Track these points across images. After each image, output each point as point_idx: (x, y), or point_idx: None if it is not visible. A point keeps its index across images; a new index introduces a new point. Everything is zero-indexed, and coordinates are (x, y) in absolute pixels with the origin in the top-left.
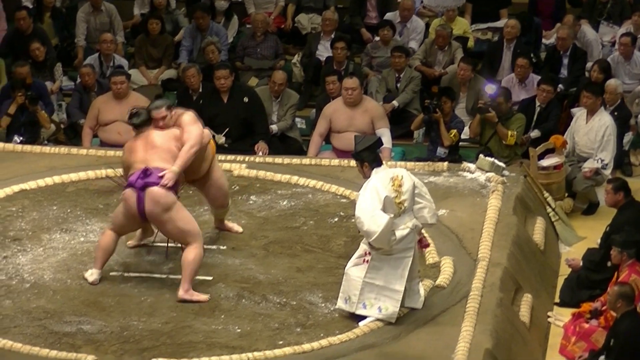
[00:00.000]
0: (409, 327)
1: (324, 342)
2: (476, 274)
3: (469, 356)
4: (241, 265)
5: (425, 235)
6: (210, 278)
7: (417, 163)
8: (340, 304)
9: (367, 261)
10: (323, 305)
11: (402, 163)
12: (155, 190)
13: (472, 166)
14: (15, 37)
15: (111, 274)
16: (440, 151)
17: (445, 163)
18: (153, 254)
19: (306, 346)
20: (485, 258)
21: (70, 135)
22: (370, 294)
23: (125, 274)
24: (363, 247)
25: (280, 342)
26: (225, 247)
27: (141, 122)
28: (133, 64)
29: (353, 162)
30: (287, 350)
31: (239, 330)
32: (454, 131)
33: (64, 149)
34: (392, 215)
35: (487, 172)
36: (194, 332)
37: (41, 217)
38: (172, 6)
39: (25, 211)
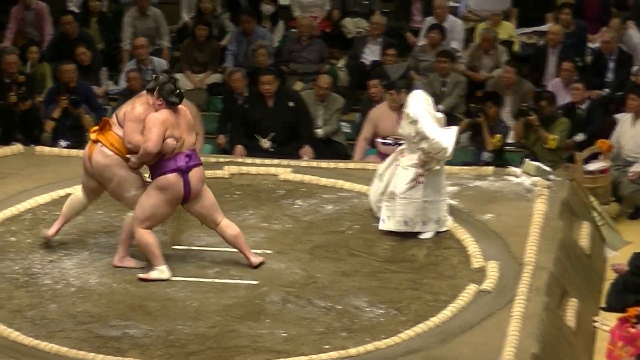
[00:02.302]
0: (455, 332)
1: (369, 346)
2: (522, 278)
3: None
4: (286, 270)
5: None
6: (256, 282)
7: (463, 167)
8: (399, 226)
9: (422, 182)
10: (368, 309)
11: (448, 167)
12: (201, 168)
13: (517, 170)
14: (61, 42)
15: None
16: (486, 155)
17: (491, 167)
18: (199, 258)
19: (352, 350)
20: (531, 262)
21: None
22: (428, 212)
23: (171, 278)
24: (410, 172)
25: (326, 347)
26: (270, 252)
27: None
28: (179, 68)
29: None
30: (333, 354)
31: (284, 335)
32: (498, 136)
33: None
34: None
35: (532, 176)
36: (239, 337)
37: (87, 221)
38: (218, 10)
39: None
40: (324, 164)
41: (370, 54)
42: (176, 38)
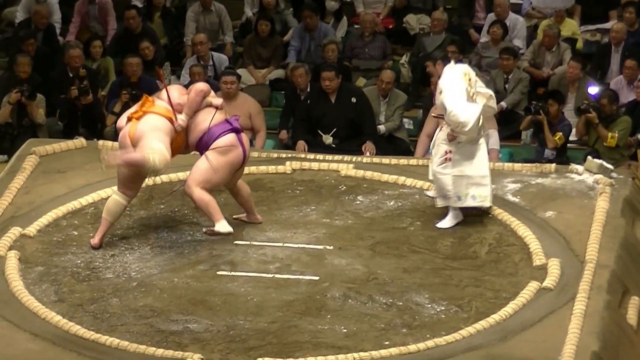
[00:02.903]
0: (516, 329)
1: (430, 343)
2: (583, 276)
3: (576, 358)
4: (348, 266)
5: None
6: (317, 278)
7: (525, 164)
8: (440, 202)
9: (450, 159)
10: (429, 306)
11: (510, 165)
12: (244, 133)
13: (579, 168)
14: (124, 36)
15: (218, 273)
16: (548, 153)
17: (553, 165)
18: (260, 253)
19: (412, 347)
20: (592, 260)
21: None
22: (460, 187)
23: (233, 273)
24: (442, 147)
25: (387, 343)
26: (332, 247)
27: None
28: (241, 63)
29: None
30: (393, 351)
31: (345, 331)
32: (559, 134)
33: None
34: None
35: (595, 174)
36: (300, 332)
37: (149, 215)
38: (280, 6)
39: (133, 210)
40: (385, 160)
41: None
42: (239, 33)
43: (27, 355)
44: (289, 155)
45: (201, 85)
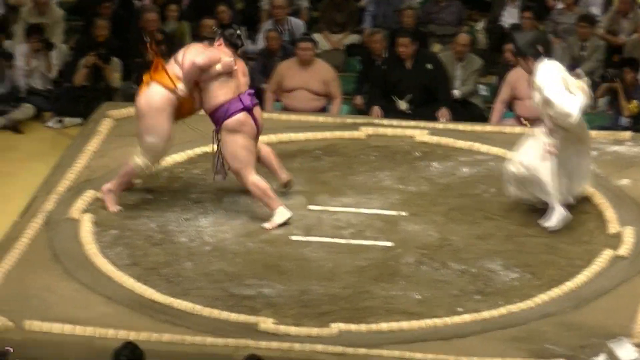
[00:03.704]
0: (589, 297)
1: (503, 310)
2: None
3: None
4: (421, 232)
5: None
6: (391, 244)
7: (600, 132)
8: (513, 192)
9: (552, 152)
10: (503, 273)
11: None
12: (258, 106)
13: None
14: (200, 0)
15: (291, 237)
16: (624, 120)
17: (629, 132)
18: (334, 219)
19: (485, 314)
20: None
21: None
22: (561, 185)
23: (306, 239)
24: (540, 140)
25: (459, 309)
26: (405, 213)
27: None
28: (316, 28)
29: (536, 130)
30: (466, 317)
31: (418, 297)
32: (635, 102)
33: None
34: None
35: None
36: (372, 298)
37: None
38: None
39: (208, 174)
40: (460, 126)
41: (509, 16)
42: None
43: (101, 319)
44: (364, 121)
45: (199, 60)
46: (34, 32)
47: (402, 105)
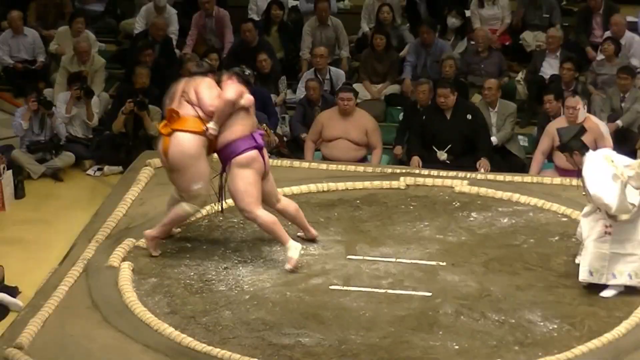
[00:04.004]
0: (629, 348)
1: None
2: None
3: None
4: (460, 282)
5: None
6: (430, 294)
7: None
8: (585, 276)
9: (610, 233)
10: (542, 323)
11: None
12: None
13: None
14: (240, 49)
15: (331, 287)
16: None
17: None
18: (373, 268)
19: None
20: None
21: (293, 148)
22: (617, 264)
23: (345, 288)
24: (601, 222)
25: None
26: (444, 264)
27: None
28: (357, 78)
29: (575, 181)
30: None
31: (456, 347)
32: None
33: (286, 162)
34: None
35: None
36: (411, 348)
37: (261, 229)
38: (397, 21)
39: (249, 223)
40: (500, 176)
41: (549, 67)
42: (355, 48)
43: None
44: (404, 171)
45: (230, 94)
46: (75, 80)
47: (442, 155)
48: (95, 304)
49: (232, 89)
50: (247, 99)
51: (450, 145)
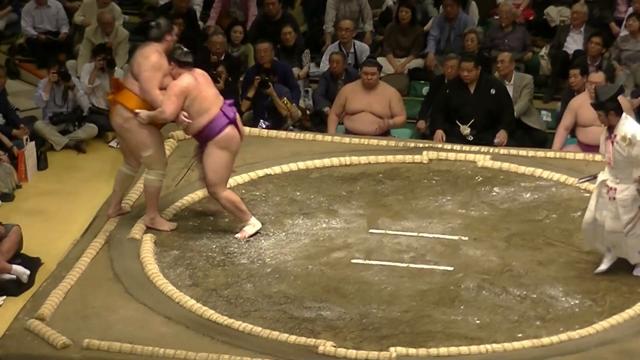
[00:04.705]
0: None
1: (563, 336)
2: None
3: None
4: (482, 257)
5: None
6: (452, 268)
7: None
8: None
9: None
10: (563, 299)
11: None
12: (238, 115)
13: None
14: (264, 22)
15: (352, 261)
16: None
17: None
18: (395, 242)
19: (545, 340)
20: None
21: (316, 121)
22: None
23: (367, 262)
24: (631, 204)
25: (519, 335)
26: (467, 238)
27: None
28: (381, 52)
29: (598, 157)
30: (526, 343)
31: (478, 322)
32: None
33: (309, 135)
34: None
35: None
36: (432, 322)
37: (284, 202)
38: None
39: (269, 196)
40: (522, 152)
41: (573, 42)
42: (378, 22)
43: (160, 339)
44: (426, 145)
45: (166, 112)
46: (100, 52)
47: (465, 130)
48: (117, 276)
49: (175, 102)
50: (182, 120)
51: (473, 120)
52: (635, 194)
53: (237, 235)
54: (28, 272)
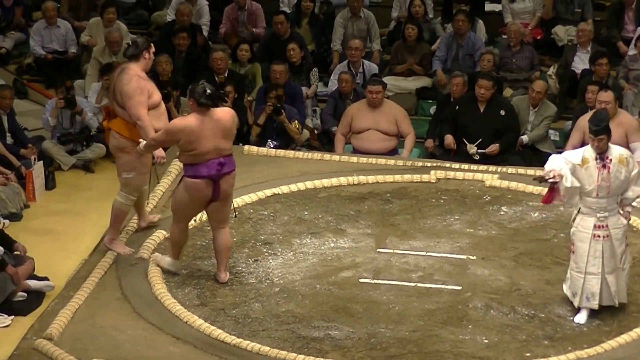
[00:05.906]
0: None
1: (571, 355)
2: None
3: None
4: (490, 276)
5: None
6: (460, 288)
7: None
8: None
9: None
10: (571, 318)
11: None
12: (233, 174)
13: None
14: (272, 41)
15: (360, 280)
16: None
17: None
18: (403, 262)
19: (553, 359)
20: None
21: (324, 141)
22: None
23: (375, 281)
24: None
25: (528, 355)
26: (475, 258)
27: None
28: (388, 71)
29: None
30: None
31: (486, 341)
32: None
33: (316, 155)
34: None
35: None
36: (441, 341)
37: (292, 221)
38: (429, 15)
39: (277, 215)
40: (530, 171)
41: (581, 62)
42: (386, 41)
43: (168, 358)
44: (434, 165)
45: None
46: (108, 71)
47: (472, 149)
48: (125, 296)
49: (159, 136)
50: (158, 156)
51: (480, 140)
52: (625, 222)
53: (153, 255)
54: (50, 282)
